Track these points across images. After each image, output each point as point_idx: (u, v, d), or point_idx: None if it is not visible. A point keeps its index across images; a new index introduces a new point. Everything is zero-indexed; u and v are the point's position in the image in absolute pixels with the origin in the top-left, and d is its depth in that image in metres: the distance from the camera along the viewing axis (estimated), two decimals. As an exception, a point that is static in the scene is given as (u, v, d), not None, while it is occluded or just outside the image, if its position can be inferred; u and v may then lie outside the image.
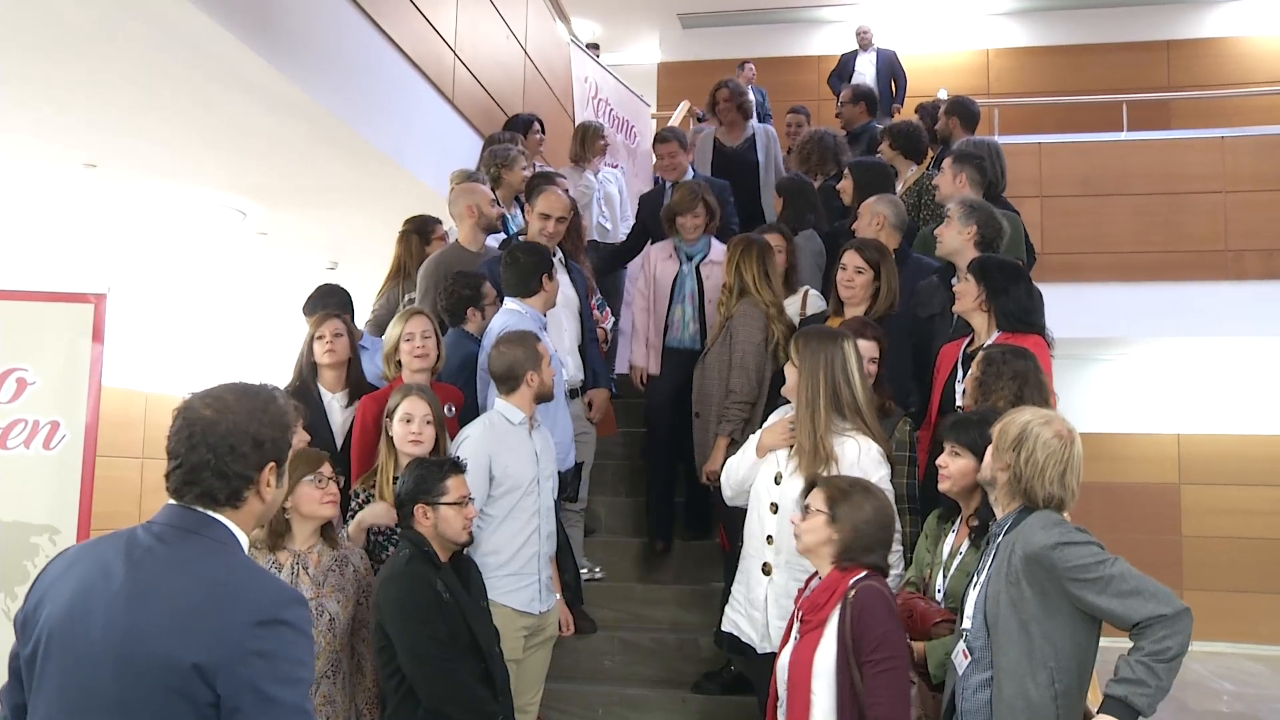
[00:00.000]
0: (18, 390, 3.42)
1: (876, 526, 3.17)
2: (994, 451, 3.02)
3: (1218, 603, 11.40)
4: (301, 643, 1.98)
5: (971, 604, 3.00)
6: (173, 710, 1.89)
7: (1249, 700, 9.19)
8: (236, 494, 2.06)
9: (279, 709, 1.91)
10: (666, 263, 5.92)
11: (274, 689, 1.90)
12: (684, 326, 5.76)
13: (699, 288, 5.80)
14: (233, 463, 2.03)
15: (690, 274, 5.82)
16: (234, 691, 1.89)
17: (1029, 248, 5.54)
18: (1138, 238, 10.38)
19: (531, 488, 4.14)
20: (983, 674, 2.92)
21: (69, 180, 7.34)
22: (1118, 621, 2.83)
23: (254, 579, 2.03)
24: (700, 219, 5.77)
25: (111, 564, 2.00)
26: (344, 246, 9.02)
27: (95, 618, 1.94)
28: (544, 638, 4.23)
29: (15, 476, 3.35)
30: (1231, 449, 11.66)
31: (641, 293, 6.02)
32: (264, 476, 2.09)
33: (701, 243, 5.84)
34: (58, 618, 1.98)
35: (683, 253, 5.85)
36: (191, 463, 2.03)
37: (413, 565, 3.47)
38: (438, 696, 3.39)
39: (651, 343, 5.92)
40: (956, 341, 4.41)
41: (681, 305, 5.77)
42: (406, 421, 4.01)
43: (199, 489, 2.03)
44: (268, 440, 2.08)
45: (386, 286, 5.88)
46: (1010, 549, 2.92)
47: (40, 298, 3.59)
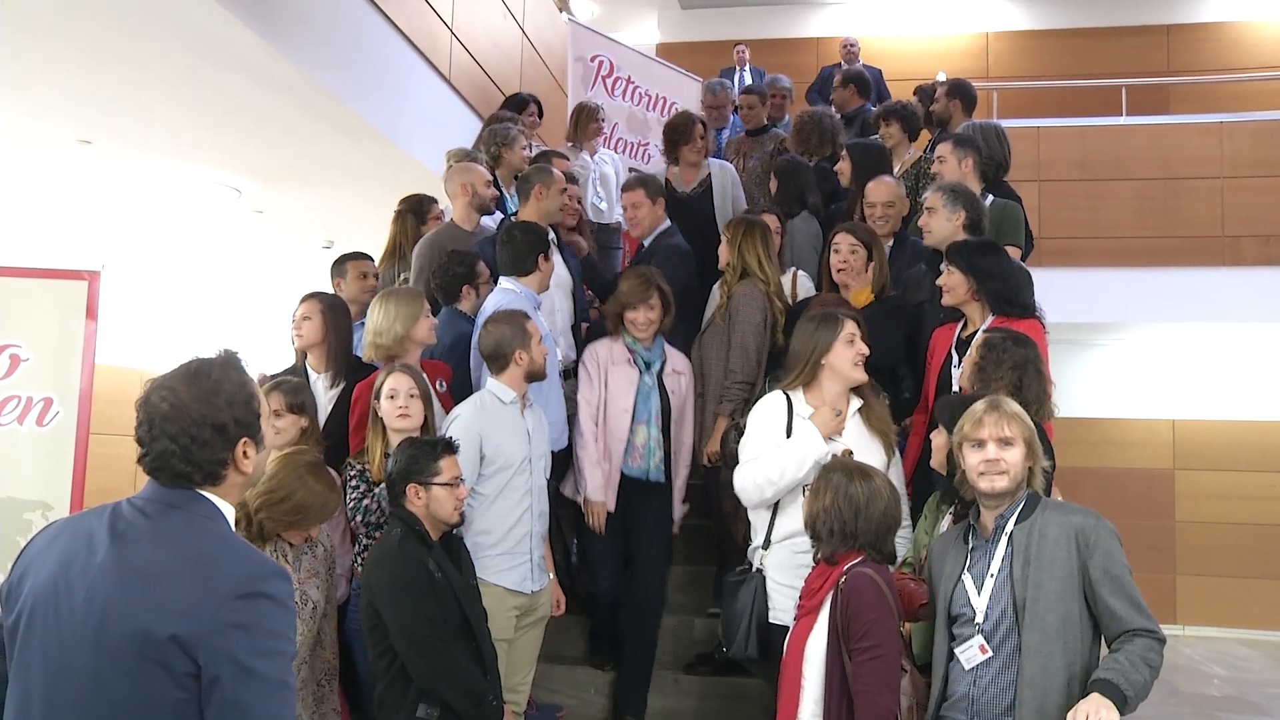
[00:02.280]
0: (11, 366, 3.42)
1: (841, 514, 3.16)
2: (1028, 451, 3.01)
3: (1210, 587, 11.46)
4: (282, 615, 1.99)
5: (985, 600, 2.97)
6: (151, 680, 1.90)
7: (1239, 684, 9.23)
8: (212, 475, 2.06)
9: (258, 681, 1.91)
10: (622, 369, 4.75)
11: (253, 661, 1.91)
12: (648, 454, 4.70)
13: (664, 404, 4.78)
14: (198, 451, 2.03)
15: (654, 387, 4.75)
16: (213, 663, 1.89)
17: (1027, 233, 5.53)
18: (1135, 223, 10.38)
19: (523, 467, 4.14)
20: (1002, 662, 2.93)
21: (63, 157, 7.32)
22: (1114, 622, 2.86)
23: (234, 552, 2.03)
24: (655, 313, 4.73)
25: (95, 537, 2.01)
26: (339, 225, 9.00)
27: (77, 590, 1.95)
28: (536, 617, 4.24)
29: (8, 453, 3.35)
30: (1226, 435, 11.68)
31: (589, 403, 4.73)
32: (238, 452, 2.08)
33: (656, 345, 4.82)
34: (40, 590, 1.99)
35: (639, 358, 4.77)
36: (157, 451, 2.03)
37: (405, 545, 3.47)
38: (430, 675, 3.40)
39: (604, 469, 4.71)
40: (949, 326, 4.41)
41: (646, 427, 4.69)
42: (391, 398, 4.02)
43: (171, 474, 2.04)
44: (229, 422, 2.06)
45: (382, 266, 5.86)
46: (1036, 533, 2.93)
47: (34, 274, 3.58)
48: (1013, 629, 2.92)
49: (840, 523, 3.16)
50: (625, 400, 4.67)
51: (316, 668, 3.73)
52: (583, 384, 4.73)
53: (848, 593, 3.09)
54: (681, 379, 4.85)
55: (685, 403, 4.86)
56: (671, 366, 4.83)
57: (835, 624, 3.09)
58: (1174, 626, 11.13)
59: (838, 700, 3.06)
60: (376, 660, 3.48)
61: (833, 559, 3.18)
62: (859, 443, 3.75)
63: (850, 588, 3.09)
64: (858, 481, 3.20)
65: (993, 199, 5.30)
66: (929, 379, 4.45)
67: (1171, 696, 8.34)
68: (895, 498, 3.28)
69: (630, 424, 4.67)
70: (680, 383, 4.84)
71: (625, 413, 4.66)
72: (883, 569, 3.19)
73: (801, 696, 3.16)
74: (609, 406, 4.68)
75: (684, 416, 4.86)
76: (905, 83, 10.11)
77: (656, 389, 4.74)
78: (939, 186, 4.86)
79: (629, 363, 4.73)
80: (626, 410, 4.66)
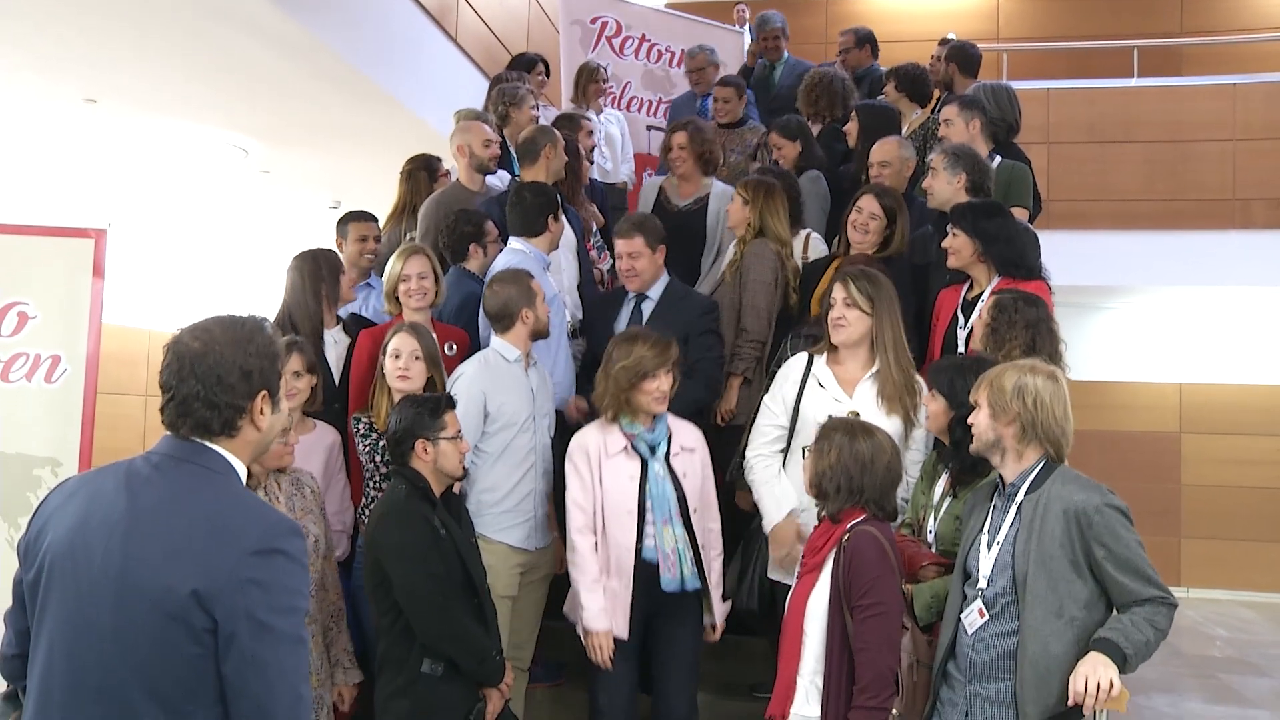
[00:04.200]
0: (19, 324, 3.43)
1: (848, 471, 3.17)
2: (992, 413, 3.00)
3: (1214, 551, 11.49)
4: (297, 572, 2.01)
5: (990, 565, 2.98)
6: (170, 636, 1.92)
7: (1241, 646, 9.28)
8: (230, 424, 2.08)
9: (275, 636, 1.94)
10: (619, 461, 3.80)
11: (270, 617, 1.94)
12: (680, 560, 3.75)
13: (679, 494, 3.82)
14: (222, 393, 2.05)
15: (664, 475, 3.79)
16: (231, 619, 1.91)
17: (1036, 196, 5.52)
18: (1144, 186, 10.32)
19: (527, 425, 4.15)
20: (1001, 628, 2.94)
21: (69, 115, 7.31)
22: (1123, 595, 2.86)
23: (252, 509, 2.06)
24: (667, 380, 3.81)
25: (111, 494, 2.03)
26: (347, 186, 8.99)
27: (95, 546, 1.98)
28: (540, 575, 4.27)
29: (17, 409, 3.37)
30: (1233, 399, 11.66)
31: (582, 508, 3.80)
32: (256, 405, 2.10)
33: (659, 422, 3.87)
34: (59, 546, 2.01)
35: (641, 442, 3.82)
36: (182, 395, 2.05)
37: (409, 502, 3.49)
38: (434, 632, 3.43)
39: (610, 587, 3.78)
40: (955, 287, 4.42)
41: (670, 526, 3.75)
42: (395, 358, 4.04)
43: (192, 420, 2.06)
44: (255, 370, 2.09)
45: (389, 225, 5.87)
46: (1041, 506, 2.92)
47: (41, 232, 3.59)
48: (1012, 600, 2.93)
49: (847, 478, 3.17)
50: (628, 500, 3.75)
51: (323, 610, 3.78)
52: (571, 484, 3.82)
53: (850, 551, 3.10)
54: (694, 457, 3.92)
55: (704, 485, 3.93)
56: (679, 443, 3.88)
57: (837, 582, 3.11)
58: (1178, 589, 11.05)
59: (839, 658, 3.08)
60: (381, 617, 3.50)
61: (837, 517, 3.20)
62: (867, 408, 3.77)
63: (853, 546, 3.11)
64: (861, 438, 3.22)
65: (1001, 160, 5.29)
66: (934, 341, 4.46)
67: (1174, 658, 8.40)
68: (897, 452, 3.30)
69: (641, 526, 3.75)
70: (694, 462, 3.90)
71: (630, 515, 3.74)
72: (885, 527, 3.20)
73: (803, 654, 3.18)
74: (608, 510, 3.77)
75: (705, 502, 3.93)
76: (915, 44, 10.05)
77: (668, 476, 3.80)
78: (942, 149, 4.86)
79: (627, 451, 3.79)
80: (631, 512, 3.74)
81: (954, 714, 3.00)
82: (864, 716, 3.02)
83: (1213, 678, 8.03)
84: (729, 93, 6.81)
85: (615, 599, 3.76)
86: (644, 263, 4.65)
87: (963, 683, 2.99)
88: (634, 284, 4.71)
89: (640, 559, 3.73)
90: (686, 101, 7.59)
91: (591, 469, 3.79)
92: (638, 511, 3.75)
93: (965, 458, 3.24)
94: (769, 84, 7.74)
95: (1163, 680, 7.69)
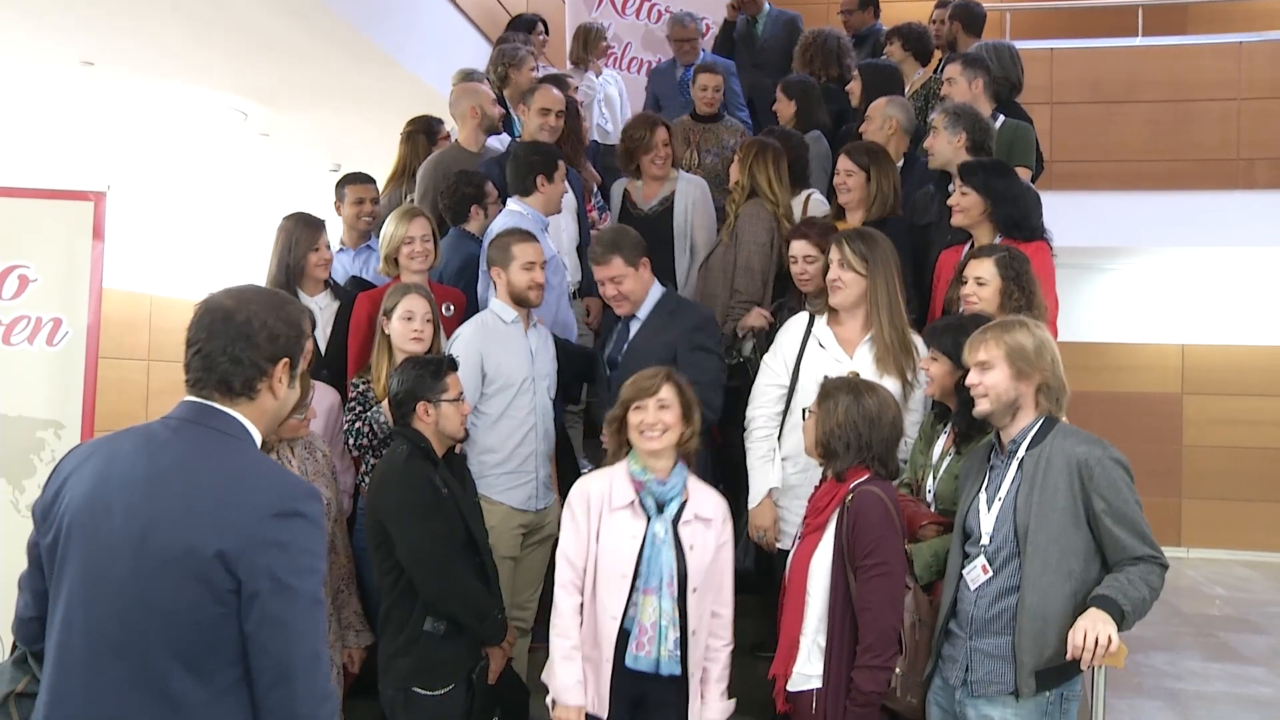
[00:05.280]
0: (20, 287, 3.43)
1: (857, 428, 3.18)
2: (1016, 372, 2.98)
3: (1214, 511, 11.53)
4: (316, 534, 2.05)
5: (992, 520, 2.99)
6: (193, 595, 1.95)
7: (1240, 604, 9.34)
8: (250, 384, 2.10)
9: (294, 596, 1.97)
10: (622, 516, 3.29)
11: (291, 578, 1.97)
12: (659, 638, 3.21)
13: (680, 564, 3.25)
14: (247, 350, 2.08)
15: (664, 539, 3.25)
16: (253, 578, 1.94)
17: (1039, 156, 5.49)
18: (1148, 146, 10.28)
19: (526, 386, 4.15)
20: (1003, 584, 2.96)
21: (66, 78, 7.27)
22: (1117, 551, 2.88)
23: (271, 472, 2.09)
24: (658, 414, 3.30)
25: (130, 455, 2.05)
26: (347, 148, 8.97)
27: (115, 506, 1.99)
28: (542, 536, 4.29)
29: (20, 372, 3.37)
30: (1235, 360, 11.66)
31: (572, 563, 3.31)
32: (277, 371, 2.13)
33: (676, 478, 3.32)
34: (77, 507, 2.03)
35: (650, 496, 3.30)
36: (209, 349, 2.08)
37: (411, 462, 3.50)
38: (436, 592, 3.45)
39: (592, 658, 3.27)
40: (955, 248, 4.41)
41: (655, 597, 3.21)
42: (408, 319, 4.04)
43: (216, 376, 2.08)
44: (282, 335, 2.13)
45: (389, 187, 5.86)
46: (1044, 461, 2.94)
47: (40, 195, 3.59)
48: (1014, 554, 2.94)
49: (855, 435, 3.17)
50: (623, 562, 3.23)
51: (334, 574, 3.82)
52: (565, 534, 3.35)
53: (854, 510, 3.12)
54: (709, 530, 3.31)
55: (714, 563, 3.32)
56: (695, 510, 3.32)
57: (841, 542, 3.13)
58: (1178, 549, 11.22)
59: (841, 617, 3.10)
60: (383, 577, 3.53)
61: (842, 476, 3.21)
62: (867, 369, 3.77)
63: (857, 505, 3.12)
64: (866, 395, 3.23)
65: (1004, 120, 5.26)
66: (934, 301, 4.45)
67: (1174, 617, 8.45)
68: (899, 410, 3.32)
69: (630, 594, 3.24)
70: (706, 536, 3.30)
71: (624, 579, 3.23)
72: (888, 486, 3.22)
73: (806, 614, 3.20)
74: (600, 571, 3.26)
75: (712, 583, 3.32)
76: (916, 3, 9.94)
77: (671, 543, 3.25)
78: (943, 108, 4.83)
79: (633, 509, 3.29)
80: (625, 576, 3.23)
81: (954, 669, 3.03)
82: (868, 675, 3.05)
83: (1211, 636, 8.09)
84: (717, 81, 6.21)
85: (596, 672, 3.25)
86: (629, 284, 4.17)
87: (963, 639, 3.01)
88: (624, 308, 4.24)
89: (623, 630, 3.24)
90: (667, 70, 7.42)
91: (590, 521, 3.29)
92: (632, 577, 3.23)
93: (972, 417, 3.24)
94: (753, 39, 7.62)
95: (1161, 638, 7.74)
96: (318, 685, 2.00)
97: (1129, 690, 6.43)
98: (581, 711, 3.23)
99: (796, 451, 3.74)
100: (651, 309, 4.24)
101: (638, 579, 3.22)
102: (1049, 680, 2.90)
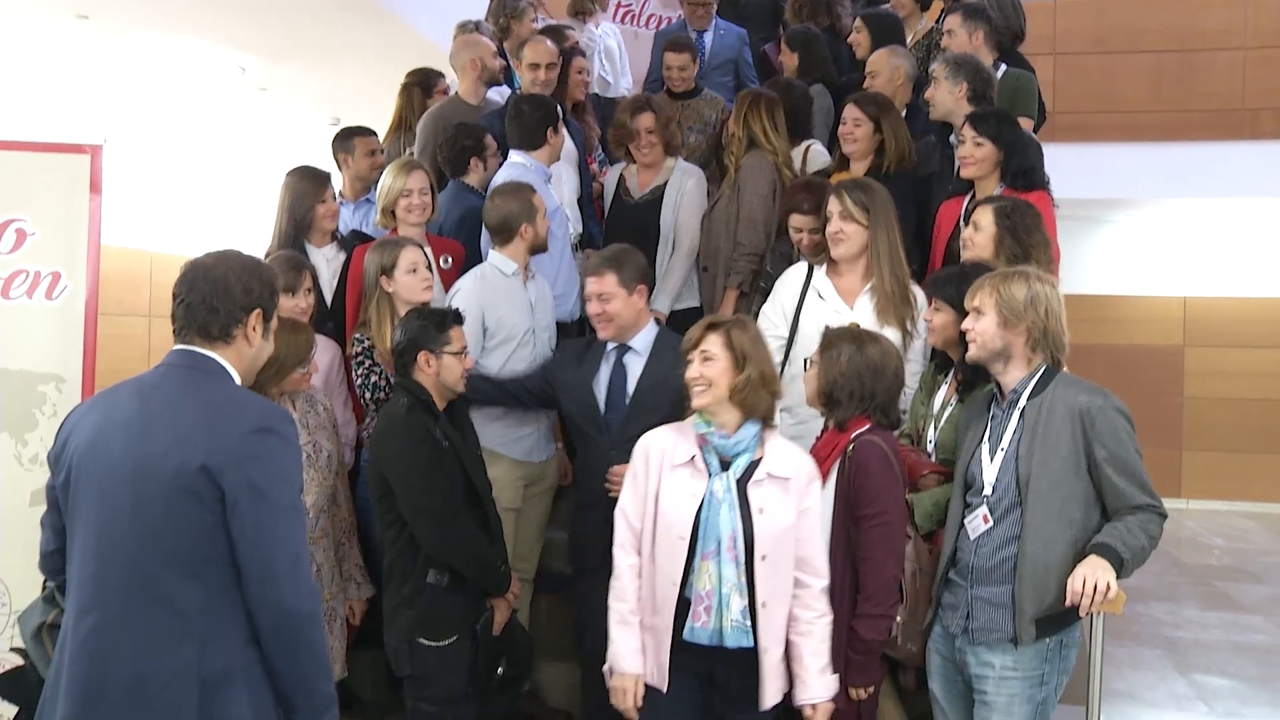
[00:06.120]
0: (18, 241, 3.41)
1: (860, 377, 3.18)
2: (1002, 321, 2.98)
3: (1214, 463, 11.57)
4: (289, 451, 2.35)
5: (995, 470, 3.00)
6: (183, 507, 2.23)
7: (1238, 554, 9.40)
8: (226, 330, 2.39)
9: (272, 504, 2.26)
10: (682, 475, 3.04)
11: (268, 487, 2.26)
12: (720, 607, 2.93)
13: (747, 528, 2.96)
14: (223, 300, 2.38)
15: (724, 498, 2.96)
16: (234, 489, 2.23)
17: (1041, 106, 5.45)
18: (1152, 96, 10.22)
19: (527, 339, 4.15)
20: (1004, 532, 2.97)
21: (61, 31, 7.21)
22: (1117, 499, 2.90)
23: (249, 398, 2.42)
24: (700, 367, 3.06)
25: (126, 400, 2.36)
26: (345, 102, 8.92)
27: (115, 444, 2.29)
28: (543, 487, 4.31)
29: (20, 326, 3.35)
30: (1237, 312, 11.65)
31: (630, 523, 3.10)
32: (250, 320, 2.43)
33: (747, 433, 3.02)
34: (83, 448, 2.33)
35: (713, 453, 3.04)
36: (190, 300, 2.38)
37: (412, 415, 3.49)
38: (438, 544, 3.46)
39: (652, 626, 3.05)
40: (957, 199, 4.39)
41: (714, 562, 2.94)
42: (413, 271, 4.02)
43: (196, 323, 2.38)
44: (255, 290, 2.43)
45: (388, 141, 5.83)
46: (1045, 409, 2.94)
47: (37, 148, 3.55)
48: (1016, 502, 2.96)
49: (859, 384, 3.17)
50: (681, 524, 2.98)
51: (335, 526, 3.83)
52: (625, 490, 3.16)
53: (855, 460, 3.12)
54: (786, 493, 2.99)
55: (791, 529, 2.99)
56: (769, 469, 3.01)
57: (842, 492, 3.14)
58: (1178, 501, 11.27)
59: (843, 567, 3.12)
60: (386, 530, 3.54)
61: (843, 425, 3.21)
62: (867, 320, 3.76)
63: (858, 455, 3.12)
64: (869, 344, 3.23)
65: (1006, 69, 5.22)
66: (935, 252, 4.44)
67: (1173, 568, 8.51)
68: (901, 359, 3.33)
69: (690, 556, 2.99)
70: (782, 499, 2.99)
71: (682, 542, 2.98)
72: (889, 436, 3.22)
73: (807, 563, 3.21)
74: (659, 531, 3.03)
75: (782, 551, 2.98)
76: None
77: (734, 503, 2.96)
78: (944, 58, 4.79)
79: (694, 465, 3.03)
80: (683, 539, 2.98)
81: (955, 618, 3.05)
82: (869, 625, 3.07)
83: (1210, 586, 8.15)
84: (684, 59, 5.81)
85: (657, 642, 3.02)
86: (616, 304, 3.78)
87: (964, 587, 3.03)
88: (606, 330, 3.83)
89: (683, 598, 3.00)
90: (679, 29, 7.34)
91: (649, 478, 3.07)
92: (690, 540, 2.99)
93: (976, 367, 3.24)
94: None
95: (1160, 589, 7.80)
96: (301, 581, 2.29)
97: (1127, 639, 6.48)
98: (638, 681, 3.02)
99: (797, 403, 3.73)
100: (653, 342, 3.85)
101: (696, 542, 2.97)
102: (1048, 627, 2.92)
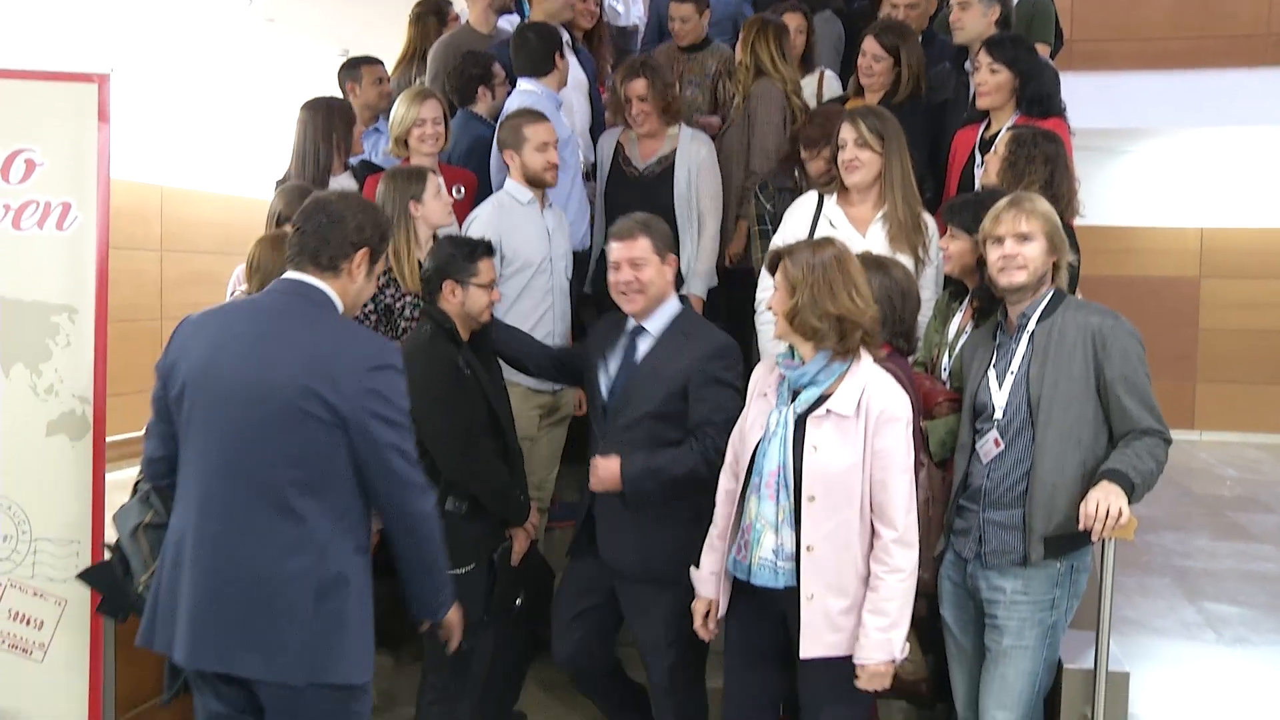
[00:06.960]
0: (27, 171, 3.38)
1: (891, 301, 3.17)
2: (1050, 245, 2.99)
3: (1229, 394, 11.54)
4: (401, 381, 2.57)
5: (1005, 395, 3.01)
6: (307, 430, 2.45)
7: (1250, 485, 9.41)
8: (335, 262, 2.59)
9: (399, 429, 2.53)
10: (761, 405, 3.00)
11: (392, 414, 2.52)
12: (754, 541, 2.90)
13: (797, 465, 2.83)
14: (335, 232, 2.58)
15: (779, 434, 2.87)
16: (358, 417, 2.46)
17: (1058, 33, 5.36)
18: (1173, 22, 10.04)
19: (544, 267, 4.16)
20: (1015, 456, 2.98)
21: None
22: (1124, 421, 2.92)
23: (363, 332, 2.72)
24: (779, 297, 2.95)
25: (241, 323, 2.57)
26: (355, 33, 8.82)
27: (232, 363, 2.49)
28: (559, 416, 4.34)
29: (31, 256, 3.33)
30: (1253, 243, 11.54)
31: (733, 448, 3.07)
32: (358, 258, 2.61)
33: (819, 364, 2.85)
34: (199, 367, 2.52)
35: (786, 385, 2.92)
36: (307, 228, 2.59)
37: (435, 342, 3.47)
38: (458, 471, 3.46)
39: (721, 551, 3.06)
40: (972, 127, 4.35)
41: (756, 498, 2.90)
42: (437, 196, 4.00)
43: (309, 251, 2.58)
44: (367, 230, 2.63)
45: (398, 71, 5.78)
46: (1056, 331, 2.96)
47: (43, 77, 3.51)
48: (1027, 425, 2.97)
49: (890, 309, 3.16)
50: (744, 453, 2.97)
51: None
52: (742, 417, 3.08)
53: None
54: (848, 433, 2.81)
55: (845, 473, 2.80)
56: (835, 405, 2.83)
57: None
58: (1191, 432, 11.28)
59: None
60: (408, 454, 3.55)
61: None
62: (879, 247, 3.74)
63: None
64: (892, 269, 3.26)
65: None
66: (950, 180, 4.40)
67: (1185, 498, 8.54)
68: (915, 282, 3.36)
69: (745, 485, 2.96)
70: (841, 440, 2.81)
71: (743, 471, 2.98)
72: (904, 363, 3.22)
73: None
74: (739, 459, 3.00)
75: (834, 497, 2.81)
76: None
77: (787, 438, 2.85)
78: None
79: (769, 395, 2.97)
80: (742, 468, 2.97)
81: (966, 542, 3.07)
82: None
83: (1221, 515, 8.17)
84: (687, 10, 5.36)
85: (721, 566, 3.06)
86: (650, 272, 3.39)
87: (976, 512, 3.04)
88: (636, 303, 3.42)
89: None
90: None
91: (747, 405, 3.06)
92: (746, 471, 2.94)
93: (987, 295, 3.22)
94: None
95: (1171, 518, 7.83)
96: (423, 486, 2.61)
97: (1137, 568, 6.52)
98: (709, 604, 3.08)
99: None
100: (666, 325, 3.46)
101: (753, 469, 2.91)
102: (1057, 548, 2.94)
